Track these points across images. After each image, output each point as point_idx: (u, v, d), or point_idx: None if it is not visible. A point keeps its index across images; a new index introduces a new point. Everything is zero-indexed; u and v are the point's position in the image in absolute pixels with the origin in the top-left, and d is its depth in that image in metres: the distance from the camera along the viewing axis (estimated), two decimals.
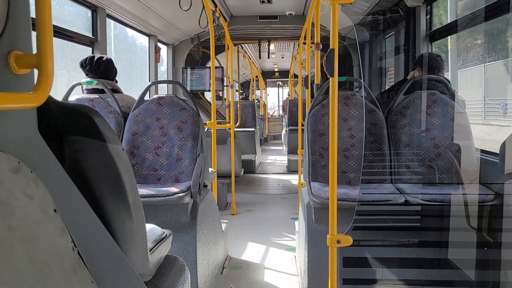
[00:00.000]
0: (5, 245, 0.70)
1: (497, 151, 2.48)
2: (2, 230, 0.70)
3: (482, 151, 2.84)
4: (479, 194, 2.48)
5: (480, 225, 2.43)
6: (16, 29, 0.83)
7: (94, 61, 3.13)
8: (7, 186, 0.74)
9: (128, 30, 5.32)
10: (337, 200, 1.92)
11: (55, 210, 0.86)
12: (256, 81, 14.16)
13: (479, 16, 3.15)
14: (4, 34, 0.79)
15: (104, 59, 3.18)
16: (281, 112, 16.62)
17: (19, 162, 0.80)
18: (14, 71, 0.81)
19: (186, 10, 3.93)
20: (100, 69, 3.13)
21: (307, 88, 4.58)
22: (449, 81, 3.17)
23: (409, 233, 2.55)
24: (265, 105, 16.45)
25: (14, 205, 0.74)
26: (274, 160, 10.14)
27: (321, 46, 3.27)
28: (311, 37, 4.74)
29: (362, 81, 3.32)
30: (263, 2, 5.47)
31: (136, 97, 3.22)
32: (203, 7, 4.08)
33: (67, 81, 3.90)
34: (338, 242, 1.89)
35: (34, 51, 0.84)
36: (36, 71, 0.81)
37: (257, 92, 15.84)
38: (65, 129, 1.02)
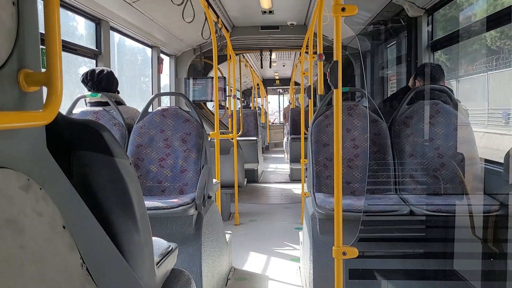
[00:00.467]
0: (16, 264, 0.70)
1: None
2: (14, 249, 0.70)
3: (486, 160, 2.84)
4: (484, 205, 2.47)
5: (486, 236, 2.42)
6: (25, 47, 0.84)
7: (95, 76, 3.14)
8: (17, 204, 0.75)
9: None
10: (342, 211, 1.92)
11: (64, 227, 0.86)
12: (257, 89, 14.20)
13: (481, 26, 3.17)
14: (14, 52, 0.80)
15: (104, 72, 3.18)
16: (281, 119, 16.63)
17: (28, 179, 0.80)
18: (23, 89, 0.82)
19: (189, 22, 3.96)
20: (102, 84, 3.14)
21: (310, 98, 4.59)
22: (452, 91, 3.18)
23: (415, 244, 2.54)
24: (266, 113, 16.48)
25: (25, 223, 0.75)
26: (275, 169, 10.13)
27: (323, 57, 3.29)
28: (313, 46, 4.77)
29: (365, 91, 3.32)
30: (264, 12, 5.51)
31: (140, 109, 3.24)
32: (206, 18, 4.11)
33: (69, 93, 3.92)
34: (344, 254, 1.88)
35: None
36: (45, 89, 0.82)
37: (258, 100, 15.87)
38: (74, 144, 1.02)
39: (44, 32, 0.81)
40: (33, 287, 0.73)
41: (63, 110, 3.09)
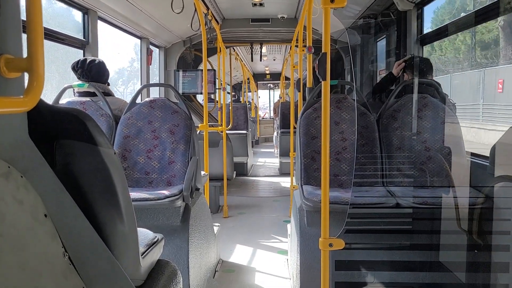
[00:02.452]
0: None
1: None
2: None
3: (473, 154, 2.87)
4: (469, 197, 2.50)
5: (471, 228, 2.45)
6: (6, 32, 0.82)
7: (86, 64, 3.11)
8: None
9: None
10: (329, 203, 1.93)
11: (45, 215, 0.85)
12: (248, 83, 14.16)
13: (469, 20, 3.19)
14: None
15: (96, 62, 3.16)
16: (272, 114, 16.64)
17: (9, 167, 0.79)
18: (4, 74, 0.81)
19: (178, 13, 3.93)
20: (92, 73, 3.11)
21: (299, 91, 4.59)
22: (439, 85, 3.20)
23: (401, 236, 2.56)
24: (256, 108, 16.47)
25: (4, 211, 0.73)
26: (264, 163, 10.15)
27: (313, 50, 3.28)
28: (303, 40, 4.76)
29: (354, 84, 3.33)
30: (255, 5, 5.48)
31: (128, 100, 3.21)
32: (195, 9, 4.08)
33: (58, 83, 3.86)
34: (331, 245, 1.89)
35: (25, 54, 0.83)
36: (26, 75, 0.81)
37: (249, 94, 15.86)
38: (56, 133, 1.01)
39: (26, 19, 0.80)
40: (13, 275, 0.72)
41: (50, 100, 3.06)
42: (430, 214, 2.53)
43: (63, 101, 3.09)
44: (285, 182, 7.21)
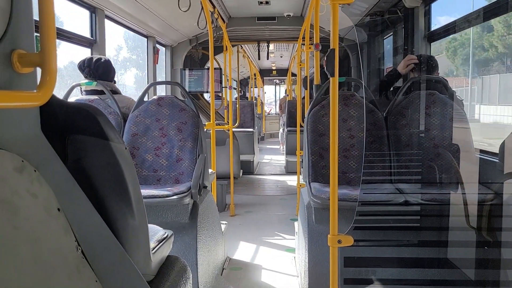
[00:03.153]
0: (10, 245, 0.70)
1: None
2: (7, 229, 0.70)
3: (482, 151, 2.85)
4: (478, 194, 2.48)
5: (480, 225, 2.44)
6: (19, 28, 0.83)
7: (92, 63, 3.12)
8: (11, 185, 0.74)
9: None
10: (338, 200, 1.92)
11: (58, 209, 0.85)
12: (254, 79, 14.16)
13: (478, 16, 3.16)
14: (7, 33, 0.79)
15: (102, 60, 3.17)
16: (277, 110, 16.63)
17: (22, 161, 0.79)
18: (17, 70, 0.81)
19: (184, 11, 3.93)
20: (100, 72, 3.13)
21: (306, 89, 4.58)
22: (447, 81, 3.18)
23: (409, 233, 2.55)
24: (262, 104, 16.45)
25: (19, 204, 0.74)
26: (270, 160, 10.15)
27: (320, 47, 3.27)
28: (310, 38, 4.75)
29: (362, 81, 3.32)
30: (261, 3, 5.47)
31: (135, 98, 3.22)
32: (202, 8, 4.08)
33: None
34: (339, 242, 1.89)
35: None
36: (39, 71, 0.81)
37: (255, 90, 15.86)
38: (68, 128, 1.02)
39: (38, 16, 0.80)
40: (27, 268, 0.72)
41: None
42: (439, 211, 2.52)
43: (71, 99, 3.11)
44: (292, 180, 7.20)
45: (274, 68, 16.45)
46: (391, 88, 3.48)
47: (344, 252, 2.33)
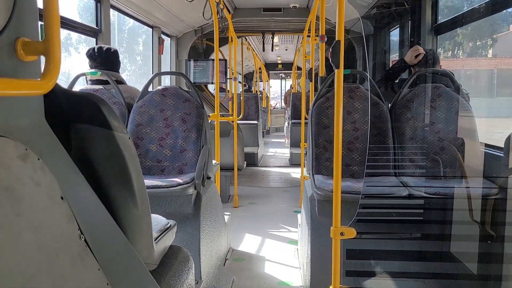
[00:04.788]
0: (13, 231, 0.70)
1: None
2: (11, 216, 0.70)
3: (487, 145, 2.84)
4: (482, 188, 2.47)
5: (483, 219, 2.43)
6: (23, 16, 0.82)
7: (103, 53, 3.13)
8: (15, 173, 0.75)
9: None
10: (341, 192, 1.92)
11: (62, 198, 0.86)
12: (259, 73, 14.13)
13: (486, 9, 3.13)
14: (11, 21, 0.79)
15: (112, 50, 3.19)
16: (283, 104, 16.60)
17: (26, 149, 0.80)
18: (21, 58, 0.81)
19: (190, 1, 3.92)
20: (110, 61, 3.15)
21: (311, 81, 4.56)
22: (453, 75, 3.16)
23: (412, 226, 2.55)
24: (267, 98, 16.42)
25: (22, 192, 0.75)
26: (275, 153, 10.15)
27: (325, 38, 3.26)
28: (316, 29, 4.72)
29: (367, 73, 3.30)
30: None
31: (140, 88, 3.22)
32: None
33: None
34: (342, 234, 1.89)
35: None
36: (43, 59, 0.81)
37: (260, 84, 15.83)
38: (72, 117, 1.02)
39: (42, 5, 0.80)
40: (30, 255, 0.73)
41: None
42: (442, 205, 2.51)
43: (75, 89, 3.11)
44: (296, 172, 7.20)
45: (279, 62, 16.39)
46: (397, 80, 3.46)
47: (346, 244, 2.33)
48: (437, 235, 2.57)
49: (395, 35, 5.61)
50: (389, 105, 3.17)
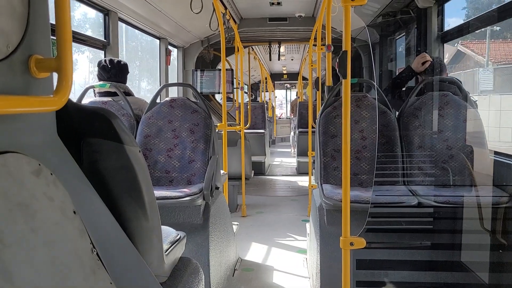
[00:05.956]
0: (28, 247, 0.71)
1: None
2: (26, 232, 0.71)
3: (496, 152, 2.82)
4: (493, 196, 2.45)
5: (494, 228, 2.41)
6: (36, 34, 0.84)
7: (115, 65, 3.19)
8: (29, 188, 0.76)
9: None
10: (350, 202, 1.92)
11: (74, 212, 0.87)
12: (265, 83, 14.18)
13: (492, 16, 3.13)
14: (25, 38, 0.81)
15: (122, 63, 3.25)
16: (289, 113, 16.60)
17: (39, 165, 0.81)
18: (34, 75, 0.83)
19: (197, 13, 3.96)
20: (121, 73, 3.20)
21: (318, 90, 4.57)
22: (461, 82, 3.15)
23: (422, 235, 2.53)
24: (273, 107, 16.45)
25: (36, 207, 0.75)
26: (281, 162, 10.15)
27: (332, 48, 3.26)
28: (322, 38, 4.74)
29: (374, 82, 3.30)
30: (272, 4, 5.48)
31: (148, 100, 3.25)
32: (214, 9, 4.10)
33: None
34: (351, 244, 1.88)
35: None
36: (55, 76, 0.83)
37: (266, 94, 15.87)
38: (84, 131, 1.03)
39: (54, 21, 0.82)
40: (44, 270, 0.74)
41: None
42: (452, 214, 2.49)
43: (85, 101, 3.14)
44: (303, 181, 7.19)
45: (285, 72, 16.44)
46: (404, 88, 3.45)
47: (356, 254, 2.32)
48: (448, 244, 2.54)
49: (401, 43, 5.62)
50: (397, 113, 3.17)
